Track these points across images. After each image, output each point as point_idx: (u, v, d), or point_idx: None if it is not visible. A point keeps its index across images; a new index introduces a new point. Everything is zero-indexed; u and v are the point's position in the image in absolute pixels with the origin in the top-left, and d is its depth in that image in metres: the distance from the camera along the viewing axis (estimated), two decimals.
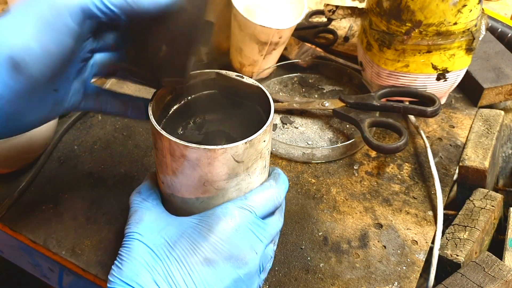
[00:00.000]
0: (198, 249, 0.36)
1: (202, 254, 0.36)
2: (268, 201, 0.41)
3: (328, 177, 0.60)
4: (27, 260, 0.59)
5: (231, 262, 0.36)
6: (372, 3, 0.63)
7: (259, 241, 0.38)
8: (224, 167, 0.37)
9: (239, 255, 0.37)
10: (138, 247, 0.36)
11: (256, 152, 0.39)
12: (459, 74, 0.65)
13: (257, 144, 0.38)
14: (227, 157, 0.37)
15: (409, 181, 0.60)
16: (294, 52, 0.78)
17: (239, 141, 0.37)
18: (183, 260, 0.35)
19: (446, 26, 0.58)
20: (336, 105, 0.66)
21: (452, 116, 0.69)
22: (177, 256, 0.36)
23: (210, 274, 0.35)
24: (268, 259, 0.42)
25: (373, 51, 0.65)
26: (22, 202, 0.56)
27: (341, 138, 0.65)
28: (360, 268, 0.50)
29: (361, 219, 0.55)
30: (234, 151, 0.37)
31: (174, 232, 0.37)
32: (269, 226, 0.40)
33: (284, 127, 0.67)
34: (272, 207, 0.41)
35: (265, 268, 0.41)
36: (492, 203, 0.56)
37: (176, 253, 0.36)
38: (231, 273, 0.36)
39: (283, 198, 0.43)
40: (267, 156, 0.42)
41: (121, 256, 0.37)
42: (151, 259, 0.36)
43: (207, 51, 0.73)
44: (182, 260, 0.35)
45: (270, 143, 0.42)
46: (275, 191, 0.41)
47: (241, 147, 0.37)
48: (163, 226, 0.38)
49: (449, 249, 0.52)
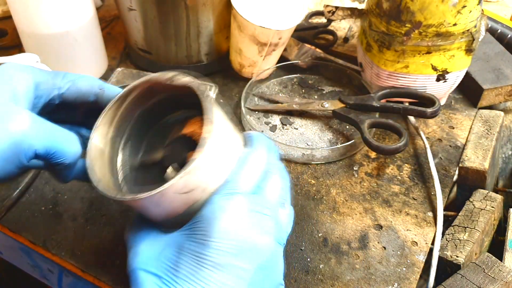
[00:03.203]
0: (202, 260, 0.33)
1: (209, 262, 0.33)
2: (251, 172, 0.37)
3: (328, 178, 0.60)
4: (26, 261, 0.59)
5: (243, 256, 0.34)
6: (372, 4, 0.63)
7: (263, 218, 0.35)
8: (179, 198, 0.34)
9: (248, 245, 0.34)
10: (144, 279, 0.34)
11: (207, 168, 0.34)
12: (459, 75, 0.65)
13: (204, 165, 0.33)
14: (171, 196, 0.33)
15: (409, 182, 0.60)
16: (293, 53, 0.78)
17: (169, 181, 0.32)
18: (192, 277, 0.33)
19: (445, 27, 0.58)
20: (336, 106, 0.66)
21: (452, 117, 0.69)
22: (184, 276, 0.33)
23: (226, 277, 0.33)
24: (285, 227, 0.38)
25: (372, 52, 0.65)
26: (21, 203, 0.56)
27: (340, 139, 0.65)
28: (360, 269, 0.50)
29: (361, 220, 0.55)
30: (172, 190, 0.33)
31: (173, 251, 0.35)
32: (266, 195, 0.37)
33: (284, 128, 0.67)
34: (259, 175, 0.37)
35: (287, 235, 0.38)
36: (492, 204, 0.56)
37: (182, 273, 0.33)
38: (248, 266, 0.34)
39: (269, 154, 0.39)
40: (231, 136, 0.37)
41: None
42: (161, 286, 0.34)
43: (207, 52, 0.73)
44: (190, 277, 0.33)
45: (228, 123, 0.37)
46: (254, 157, 0.37)
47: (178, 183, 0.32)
48: (160, 250, 0.35)
49: (449, 250, 0.52)
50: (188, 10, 0.66)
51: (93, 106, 0.40)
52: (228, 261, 0.33)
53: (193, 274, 0.33)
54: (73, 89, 0.39)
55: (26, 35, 0.67)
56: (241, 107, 0.67)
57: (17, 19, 0.66)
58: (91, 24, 0.69)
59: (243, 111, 0.66)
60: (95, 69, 0.74)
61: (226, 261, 0.33)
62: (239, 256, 0.33)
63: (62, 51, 0.67)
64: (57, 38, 0.65)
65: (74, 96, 0.39)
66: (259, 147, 0.38)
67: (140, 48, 0.73)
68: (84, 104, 0.40)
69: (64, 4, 0.63)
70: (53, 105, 0.39)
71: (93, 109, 0.41)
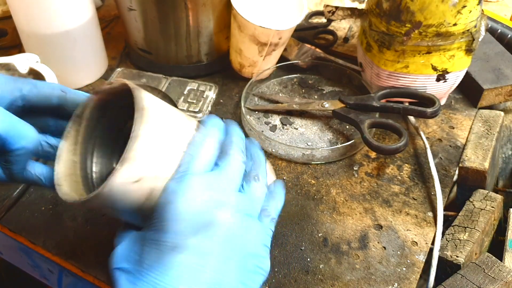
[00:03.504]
0: (162, 245, 0.33)
1: (168, 246, 0.33)
2: (203, 152, 0.36)
3: (328, 178, 0.60)
4: (26, 262, 0.59)
5: (202, 233, 0.33)
6: (372, 4, 0.63)
7: (220, 193, 0.35)
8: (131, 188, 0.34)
9: (204, 221, 0.34)
10: (118, 276, 0.34)
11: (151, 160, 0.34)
12: (459, 75, 0.65)
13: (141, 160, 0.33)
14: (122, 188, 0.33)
15: (409, 182, 0.60)
16: (293, 53, 0.78)
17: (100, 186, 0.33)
18: (155, 264, 0.33)
19: (445, 27, 0.58)
20: (336, 106, 0.66)
21: (452, 117, 0.69)
22: (148, 265, 0.33)
23: (188, 258, 0.33)
24: (257, 199, 0.37)
25: (372, 52, 0.65)
26: (21, 203, 0.56)
27: (341, 139, 0.65)
28: (360, 269, 0.50)
29: (361, 220, 0.55)
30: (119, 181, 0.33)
31: (139, 245, 0.35)
32: (224, 171, 0.36)
33: (284, 128, 0.67)
34: (212, 153, 0.37)
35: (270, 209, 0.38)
36: (492, 204, 0.56)
37: (146, 263, 0.33)
38: (209, 243, 0.33)
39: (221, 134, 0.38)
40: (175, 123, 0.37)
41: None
42: (134, 281, 0.33)
43: (207, 52, 0.73)
44: (154, 265, 0.33)
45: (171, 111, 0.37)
46: (203, 138, 0.37)
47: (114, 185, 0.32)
48: (131, 247, 0.36)
49: (449, 250, 0.52)
50: (188, 10, 0.66)
51: (59, 111, 0.42)
52: (187, 241, 0.33)
53: (155, 261, 0.33)
54: (35, 92, 0.40)
55: (26, 35, 0.67)
56: (241, 107, 0.67)
57: (17, 19, 0.66)
58: (91, 24, 0.69)
59: (243, 111, 0.66)
60: (95, 69, 0.74)
61: (185, 241, 0.33)
62: (198, 234, 0.33)
63: (62, 51, 0.67)
64: (57, 38, 0.65)
65: (37, 98, 0.41)
66: (209, 128, 0.38)
67: (140, 48, 0.73)
68: (49, 108, 0.41)
69: (64, 4, 0.63)
70: (17, 108, 0.40)
71: (60, 114, 0.42)
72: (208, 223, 0.34)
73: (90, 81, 0.73)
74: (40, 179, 0.41)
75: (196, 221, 0.34)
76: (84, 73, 0.72)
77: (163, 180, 0.35)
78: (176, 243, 0.33)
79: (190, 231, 0.33)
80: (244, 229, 0.36)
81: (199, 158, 0.36)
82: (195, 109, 0.66)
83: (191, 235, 0.33)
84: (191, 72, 0.73)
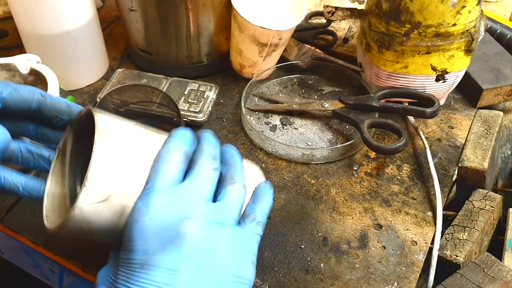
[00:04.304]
0: (132, 265, 0.33)
1: (137, 265, 0.33)
2: (167, 166, 0.35)
3: (328, 178, 0.60)
4: (27, 261, 0.60)
5: (168, 248, 0.33)
6: (371, 4, 0.63)
7: (186, 205, 0.34)
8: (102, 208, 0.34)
9: (169, 236, 0.33)
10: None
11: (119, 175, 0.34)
12: (458, 75, 0.65)
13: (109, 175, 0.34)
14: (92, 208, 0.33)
15: (408, 182, 0.60)
16: (293, 53, 0.78)
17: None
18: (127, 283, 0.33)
19: (445, 27, 0.59)
20: (336, 106, 0.66)
21: (451, 117, 0.69)
22: (121, 285, 0.33)
23: (157, 275, 0.32)
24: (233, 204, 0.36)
25: (372, 52, 0.65)
26: (22, 203, 0.56)
27: (340, 139, 0.65)
28: (360, 269, 0.50)
29: (361, 220, 0.55)
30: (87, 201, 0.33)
31: (114, 266, 0.35)
32: (191, 182, 0.35)
33: (284, 128, 0.67)
34: (178, 166, 0.36)
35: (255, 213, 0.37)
36: (492, 203, 0.57)
37: (119, 283, 0.33)
38: (176, 257, 0.32)
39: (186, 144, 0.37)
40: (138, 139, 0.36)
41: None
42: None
43: (207, 53, 0.73)
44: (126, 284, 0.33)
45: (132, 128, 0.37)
46: (167, 151, 0.36)
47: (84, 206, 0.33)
48: (110, 267, 0.35)
49: (448, 250, 0.52)
50: (188, 11, 0.66)
51: (38, 115, 0.41)
52: (155, 258, 0.32)
53: (126, 281, 0.33)
54: (14, 95, 0.40)
55: (27, 36, 0.67)
56: (241, 107, 0.67)
57: (18, 20, 0.66)
58: (91, 25, 0.69)
59: (243, 111, 0.66)
60: (95, 69, 0.74)
61: (153, 259, 0.32)
62: (164, 250, 0.33)
63: (63, 52, 0.67)
64: (58, 38, 0.66)
65: (16, 102, 0.40)
66: (174, 141, 0.37)
67: (141, 48, 0.73)
68: (28, 112, 0.41)
69: (65, 5, 0.63)
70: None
71: (39, 119, 0.42)
72: (174, 238, 0.33)
73: (91, 82, 0.74)
74: (17, 188, 0.40)
75: (163, 237, 0.33)
76: (85, 74, 0.73)
77: (134, 197, 0.34)
78: (144, 260, 0.32)
79: (157, 248, 0.32)
80: (215, 239, 0.34)
81: (164, 173, 0.35)
82: (196, 109, 0.66)
83: (158, 252, 0.32)
84: (192, 72, 0.73)
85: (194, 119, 0.66)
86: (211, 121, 0.68)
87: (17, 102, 0.40)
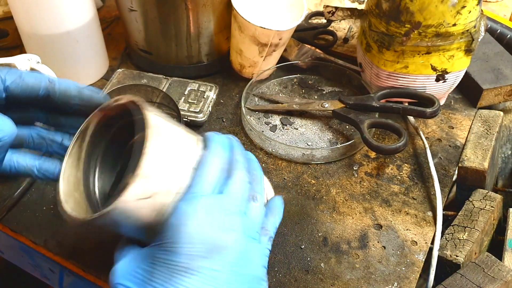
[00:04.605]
0: (174, 267, 0.33)
1: (180, 268, 0.33)
2: (210, 173, 0.37)
3: (328, 178, 0.60)
4: (27, 261, 0.60)
5: (212, 257, 0.34)
6: (372, 4, 0.63)
7: (228, 216, 0.35)
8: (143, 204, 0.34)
9: (215, 245, 0.34)
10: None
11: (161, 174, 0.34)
12: (458, 75, 0.65)
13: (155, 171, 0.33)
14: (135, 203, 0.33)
15: (408, 182, 0.60)
16: (293, 53, 0.78)
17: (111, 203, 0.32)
18: (166, 284, 0.33)
19: (445, 27, 0.59)
20: (336, 106, 0.66)
21: (452, 117, 0.69)
22: (159, 285, 0.33)
23: (199, 280, 0.33)
24: (256, 220, 0.38)
25: (372, 52, 0.65)
26: (22, 203, 0.56)
27: (340, 139, 0.65)
28: (360, 269, 0.50)
29: (361, 220, 0.55)
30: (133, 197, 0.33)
31: (148, 263, 0.35)
32: (230, 193, 0.36)
33: (284, 128, 0.67)
34: (218, 175, 0.37)
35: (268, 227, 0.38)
36: (492, 203, 0.57)
37: (156, 283, 0.34)
38: (219, 266, 0.34)
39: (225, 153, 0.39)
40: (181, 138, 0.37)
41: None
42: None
43: (207, 53, 0.73)
44: (164, 285, 0.33)
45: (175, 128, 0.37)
46: (210, 158, 0.37)
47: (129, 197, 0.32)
48: (138, 264, 0.36)
49: (448, 250, 0.52)
50: (188, 11, 0.66)
51: (48, 103, 0.40)
52: (199, 264, 0.34)
53: (166, 281, 0.33)
54: (19, 82, 0.38)
55: (27, 36, 0.67)
56: (241, 107, 0.67)
57: (18, 20, 0.66)
58: (91, 25, 0.69)
59: (243, 111, 0.66)
60: (95, 69, 0.74)
61: (196, 264, 0.34)
62: (208, 257, 0.34)
63: (63, 52, 0.67)
64: (58, 38, 0.66)
65: (21, 90, 0.38)
66: (214, 147, 0.38)
67: (141, 48, 0.73)
68: (35, 100, 0.39)
69: (65, 5, 0.63)
70: (1, 100, 0.38)
71: (49, 107, 0.40)
72: (218, 247, 0.34)
73: (91, 82, 0.74)
74: (32, 171, 0.40)
75: (207, 245, 0.34)
76: (85, 74, 0.73)
77: (174, 195, 0.35)
78: (188, 265, 0.33)
79: (201, 254, 0.34)
80: (249, 252, 0.36)
81: (208, 179, 0.36)
82: (196, 110, 0.66)
83: (202, 259, 0.34)
84: (192, 72, 0.73)
85: (194, 119, 0.66)
86: (211, 121, 0.68)
87: (23, 90, 0.38)
